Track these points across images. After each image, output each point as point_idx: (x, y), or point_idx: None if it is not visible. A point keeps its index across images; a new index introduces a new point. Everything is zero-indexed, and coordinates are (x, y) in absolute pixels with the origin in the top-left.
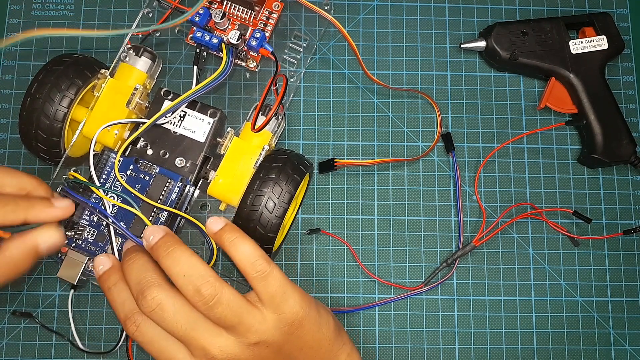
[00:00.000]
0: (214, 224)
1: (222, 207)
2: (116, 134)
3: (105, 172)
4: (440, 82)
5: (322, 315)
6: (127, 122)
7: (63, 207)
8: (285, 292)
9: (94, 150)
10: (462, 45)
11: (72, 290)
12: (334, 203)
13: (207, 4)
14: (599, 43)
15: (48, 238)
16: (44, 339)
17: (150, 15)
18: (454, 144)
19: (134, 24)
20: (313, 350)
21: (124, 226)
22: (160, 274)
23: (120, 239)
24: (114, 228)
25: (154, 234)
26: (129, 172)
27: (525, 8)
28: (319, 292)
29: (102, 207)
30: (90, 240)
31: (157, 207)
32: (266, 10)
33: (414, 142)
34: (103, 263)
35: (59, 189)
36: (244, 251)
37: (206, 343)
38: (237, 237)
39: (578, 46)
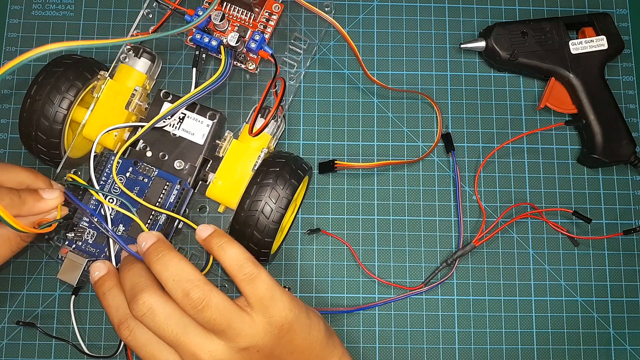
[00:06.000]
0: (203, 231)
1: (220, 209)
2: (116, 135)
3: (105, 174)
4: (440, 82)
5: (312, 318)
6: (129, 127)
7: (53, 198)
8: (274, 295)
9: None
10: (462, 46)
11: (73, 296)
12: (334, 203)
13: (207, 5)
14: (599, 43)
15: None
16: (44, 340)
17: (150, 16)
18: (454, 144)
19: (134, 24)
20: (304, 354)
21: (121, 234)
22: (154, 281)
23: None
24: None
25: (146, 240)
26: (128, 174)
27: (525, 8)
28: (318, 292)
29: (101, 214)
30: (90, 242)
31: (155, 210)
32: (266, 12)
33: (414, 142)
34: (99, 269)
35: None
36: (232, 254)
37: (196, 348)
38: (225, 242)
39: (578, 46)
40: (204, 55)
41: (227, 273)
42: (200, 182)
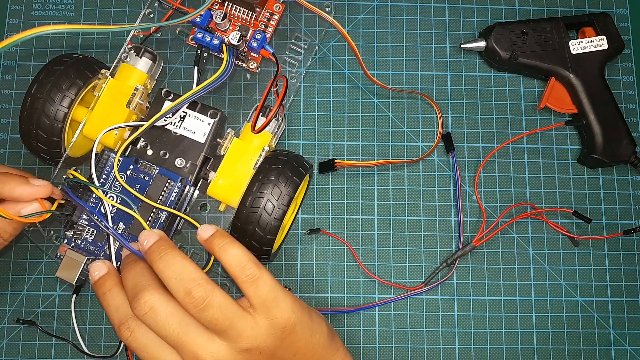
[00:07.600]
0: (204, 231)
1: (221, 207)
2: (116, 134)
3: (105, 172)
4: (440, 82)
5: (315, 320)
6: (130, 126)
7: (40, 185)
8: (277, 297)
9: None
10: (462, 46)
11: (74, 295)
12: (334, 203)
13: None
14: (599, 43)
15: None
16: (44, 340)
17: (152, 15)
18: (454, 144)
19: (135, 23)
20: (306, 356)
21: (122, 232)
22: (156, 280)
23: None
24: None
25: (148, 238)
26: (128, 172)
27: (525, 8)
28: (319, 292)
29: (101, 212)
30: (90, 240)
31: (156, 208)
32: (267, 12)
33: (414, 142)
34: (99, 269)
35: (58, 189)
36: (234, 255)
37: (198, 348)
38: (227, 242)
39: (578, 46)
40: (205, 54)
41: (229, 274)
42: (201, 180)
